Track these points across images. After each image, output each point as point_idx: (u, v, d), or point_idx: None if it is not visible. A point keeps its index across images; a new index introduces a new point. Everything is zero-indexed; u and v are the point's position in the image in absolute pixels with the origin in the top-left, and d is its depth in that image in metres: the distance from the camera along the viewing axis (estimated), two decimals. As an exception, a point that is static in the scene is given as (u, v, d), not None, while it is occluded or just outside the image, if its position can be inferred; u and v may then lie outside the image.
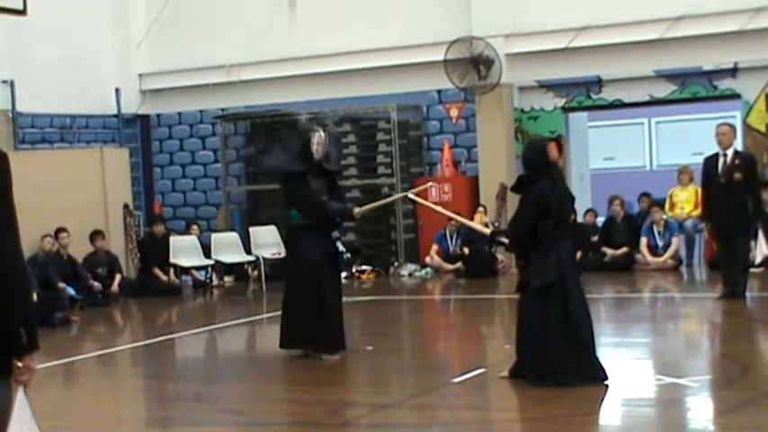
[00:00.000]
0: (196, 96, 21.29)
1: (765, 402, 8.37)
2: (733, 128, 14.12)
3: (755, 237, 14.09)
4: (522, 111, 18.91)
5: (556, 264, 8.59)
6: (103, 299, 16.59)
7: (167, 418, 9.05)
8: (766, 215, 14.61)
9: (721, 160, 13.43)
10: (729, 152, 13.47)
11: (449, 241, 18.23)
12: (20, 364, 4.21)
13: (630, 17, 17.74)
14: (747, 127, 17.86)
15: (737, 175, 13.27)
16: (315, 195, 10.72)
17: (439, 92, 19.31)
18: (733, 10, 17.13)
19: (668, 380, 8.89)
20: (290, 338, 10.77)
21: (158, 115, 21.93)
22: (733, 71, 17.74)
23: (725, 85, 17.91)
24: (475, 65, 18.10)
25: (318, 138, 10.73)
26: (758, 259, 14.66)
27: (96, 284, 16.50)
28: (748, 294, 14.38)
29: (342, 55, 19.74)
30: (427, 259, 18.60)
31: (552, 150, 8.89)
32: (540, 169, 8.79)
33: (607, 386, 8.63)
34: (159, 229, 18.53)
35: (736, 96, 17.99)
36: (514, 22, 18.52)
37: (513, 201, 10.47)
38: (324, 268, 10.64)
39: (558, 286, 8.59)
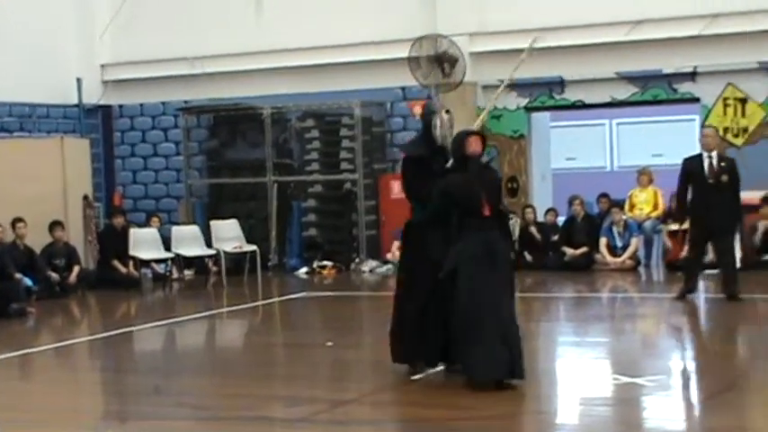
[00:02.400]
0: (159, 88, 21.21)
1: (721, 402, 8.46)
2: (717, 130, 14.37)
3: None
4: (479, 108, 18.96)
5: (454, 255, 8.70)
6: (61, 290, 16.51)
7: (124, 411, 9.04)
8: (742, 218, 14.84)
9: (706, 162, 13.50)
10: (714, 154, 13.57)
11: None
12: None
13: (593, 19, 17.87)
14: (706, 130, 18.01)
15: (724, 177, 13.40)
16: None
17: (403, 89, 19.34)
18: (693, 15, 17.33)
19: (625, 379, 8.97)
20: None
21: (120, 106, 21.83)
22: (692, 75, 17.91)
23: (684, 88, 18.07)
24: (439, 62, 18.11)
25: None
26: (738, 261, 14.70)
27: (54, 276, 16.42)
28: (703, 295, 14.55)
29: (306, 50, 19.73)
30: (388, 255, 18.64)
31: (471, 144, 8.98)
32: (459, 161, 8.94)
33: (510, 385, 8.61)
34: (119, 220, 18.46)
35: (696, 100, 18.16)
36: (479, 20, 18.60)
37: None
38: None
39: (455, 277, 8.67)
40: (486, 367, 8.56)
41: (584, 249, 17.79)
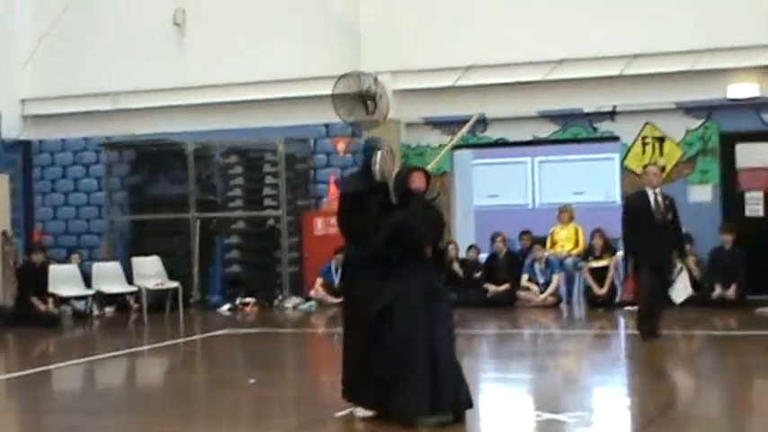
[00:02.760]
0: (81, 123, 21.04)
1: (640, 438, 8.56)
2: (661, 168, 14.51)
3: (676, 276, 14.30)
4: (409, 147, 19.09)
5: (393, 292, 8.65)
6: (-21, 328, 16.25)
7: (44, 450, 8.90)
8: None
9: (652, 198, 13.42)
10: (658, 191, 13.55)
11: (334, 274, 18.26)
12: None
13: (515, 59, 18.08)
14: (625, 169, 18.29)
15: (669, 215, 13.45)
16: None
17: (327, 125, 19.39)
18: (612, 55, 17.60)
19: (547, 415, 9.01)
20: None
21: (41, 141, 21.60)
22: (612, 114, 18.20)
23: (604, 127, 18.35)
24: (363, 100, 18.22)
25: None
26: (681, 298, 14.80)
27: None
28: (623, 332, 14.73)
29: (230, 86, 19.72)
30: (312, 292, 18.62)
31: (415, 180, 8.93)
32: (403, 198, 8.89)
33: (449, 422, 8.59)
34: (38, 257, 18.22)
35: (615, 138, 18.44)
36: (403, 59, 18.72)
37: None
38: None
39: (392, 313, 8.62)
40: (421, 404, 8.51)
41: (506, 286, 17.92)
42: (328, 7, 19.25)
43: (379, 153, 9.09)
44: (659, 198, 13.47)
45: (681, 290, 14.62)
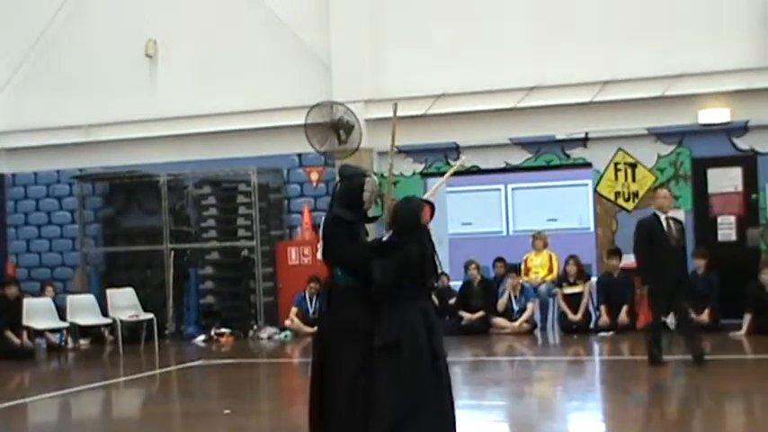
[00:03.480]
0: (53, 156, 21.02)
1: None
2: (671, 191, 14.33)
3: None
4: (382, 176, 19.10)
5: (399, 325, 8.57)
6: (-47, 362, 16.16)
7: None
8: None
9: (665, 223, 13.22)
10: (669, 215, 13.40)
11: (308, 303, 18.26)
12: None
13: (486, 86, 18.20)
14: (598, 195, 18.39)
15: (682, 239, 13.39)
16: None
17: (299, 155, 19.44)
18: (584, 82, 17.74)
19: (522, 442, 9.05)
20: None
21: (13, 174, 21.56)
22: (584, 141, 18.29)
23: (577, 153, 18.45)
24: (335, 129, 18.31)
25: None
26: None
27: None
28: (598, 357, 14.76)
29: (202, 117, 19.76)
30: (287, 322, 18.60)
31: (425, 213, 8.90)
32: (411, 230, 8.79)
33: None
34: (12, 290, 18.13)
35: (588, 165, 18.54)
36: (374, 87, 18.82)
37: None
38: None
39: (399, 347, 8.54)
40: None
41: (480, 314, 17.95)
42: (300, 38, 19.33)
43: (369, 179, 9.00)
44: (671, 222, 13.28)
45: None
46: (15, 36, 21.11)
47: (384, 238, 8.85)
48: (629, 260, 17.19)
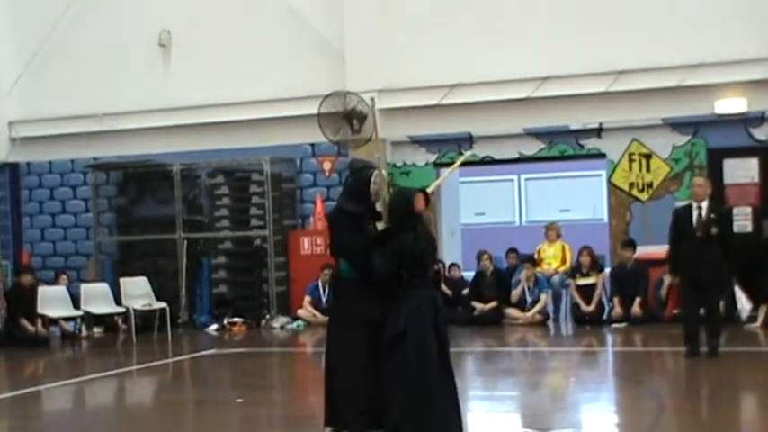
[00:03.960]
0: (67, 145, 21.06)
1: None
2: (709, 180, 13.79)
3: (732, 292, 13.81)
4: (395, 166, 19.12)
5: (406, 314, 8.59)
6: (-33, 350, 16.22)
7: (32, 472, 8.89)
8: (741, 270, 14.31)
9: (695, 213, 12.94)
10: (704, 205, 12.97)
11: (321, 291, 18.27)
12: None
13: (501, 76, 18.15)
14: (612, 185, 18.33)
15: (714, 230, 12.83)
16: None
17: (312, 145, 19.43)
18: (598, 72, 17.67)
19: (534, 432, 9.05)
20: None
21: (28, 163, 21.61)
22: (598, 131, 18.23)
23: (591, 144, 18.38)
24: (348, 119, 18.29)
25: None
26: (744, 314, 14.50)
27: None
28: (611, 349, 14.72)
29: (216, 106, 19.77)
30: (300, 311, 18.61)
31: (419, 202, 8.91)
32: (405, 219, 8.83)
33: None
34: (27, 279, 18.19)
35: (602, 156, 18.48)
36: (388, 78, 18.79)
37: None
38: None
39: (406, 336, 8.56)
40: (444, 426, 8.52)
41: (493, 304, 17.93)
42: (314, 27, 19.31)
43: (376, 172, 9.04)
44: (703, 212, 12.92)
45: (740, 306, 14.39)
46: (30, 26, 21.13)
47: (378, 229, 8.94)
48: (643, 251, 17.21)
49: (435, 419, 8.46)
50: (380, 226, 9.10)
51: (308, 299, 18.52)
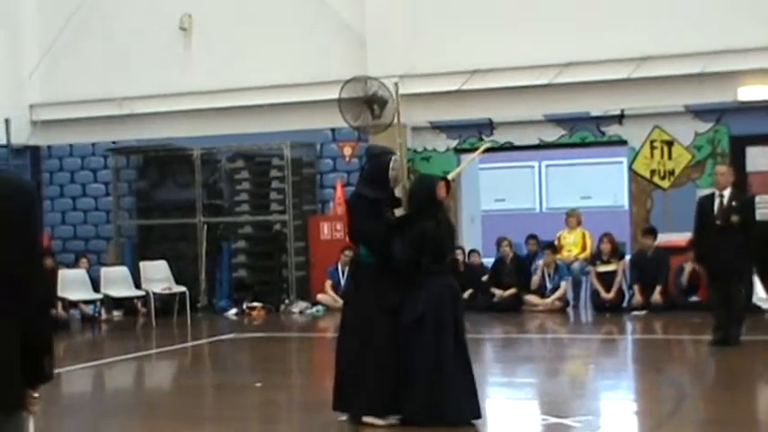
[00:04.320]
0: (88, 129, 21.09)
1: (646, 442, 8.56)
2: (731, 168, 13.65)
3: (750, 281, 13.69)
4: (415, 151, 19.09)
5: (424, 300, 8.60)
6: (-13, 332, 16.25)
7: (51, 454, 8.91)
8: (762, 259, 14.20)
9: (717, 201, 12.81)
10: (726, 193, 12.83)
11: (340, 275, 18.28)
12: (35, 395, 4.15)
13: (522, 62, 18.06)
14: (633, 172, 18.25)
15: (734, 218, 12.70)
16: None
17: (333, 130, 19.40)
18: (620, 58, 17.56)
19: (553, 420, 9.02)
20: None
21: (49, 147, 21.66)
22: (620, 118, 18.13)
23: (612, 131, 18.29)
24: (369, 105, 18.23)
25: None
26: (762, 304, 14.37)
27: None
28: (631, 336, 14.67)
29: (236, 91, 19.75)
30: (320, 296, 18.61)
31: (440, 190, 8.91)
32: (426, 206, 8.82)
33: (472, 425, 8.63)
34: (47, 262, 18.21)
35: (623, 142, 18.40)
36: (409, 63, 18.73)
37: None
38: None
39: (424, 322, 8.57)
40: (461, 410, 8.55)
41: (512, 291, 17.89)
42: (335, 12, 19.27)
43: (395, 157, 9.04)
44: (725, 200, 12.78)
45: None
46: (52, 10, 21.14)
47: (397, 216, 8.95)
48: (664, 239, 17.15)
49: (451, 405, 8.48)
50: (399, 212, 9.11)
51: (329, 282, 18.53)
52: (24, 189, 4.14)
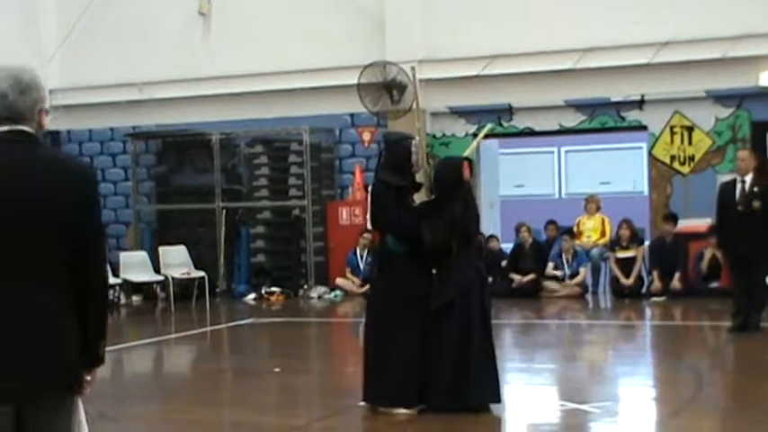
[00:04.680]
0: (107, 113, 21.12)
1: (668, 428, 8.53)
2: (753, 152, 13.49)
3: None
4: (434, 136, 19.05)
5: (454, 285, 8.57)
6: (7, 316, 16.32)
7: (70, 438, 8.92)
8: None
9: (739, 186, 12.73)
10: (748, 178, 12.74)
11: (359, 259, 18.28)
12: (88, 377, 4.21)
13: (542, 47, 17.99)
14: (653, 158, 18.17)
15: (756, 203, 12.57)
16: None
17: (352, 115, 19.38)
18: (641, 43, 17.47)
19: (572, 405, 9.00)
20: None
21: (68, 131, 21.71)
22: (640, 103, 18.05)
23: (632, 116, 18.22)
24: (388, 90, 18.21)
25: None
26: None
27: None
28: (649, 323, 14.62)
29: (255, 76, 19.73)
30: (339, 280, 18.63)
31: (465, 170, 8.88)
32: (453, 189, 8.78)
33: (489, 409, 8.64)
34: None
35: (643, 128, 18.31)
36: (428, 48, 18.69)
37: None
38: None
39: (454, 306, 8.55)
40: (483, 394, 8.56)
41: (531, 276, 17.85)
42: (354, -4, 19.24)
43: (414, 141, 9.00)
44: (747, 185, 12.70)
45: None
46: (71, -7, 21.18)
47: (418, 202, 8.90)
48: (683, 225, 17.08)
49: (474, 389, 8.48)
50: (420, 196, 9.07)
51: (348, 268, 18.57)
52: (83, 172, 4.20)
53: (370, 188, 9.28)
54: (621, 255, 17.50)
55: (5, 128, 4.14)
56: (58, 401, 4.10)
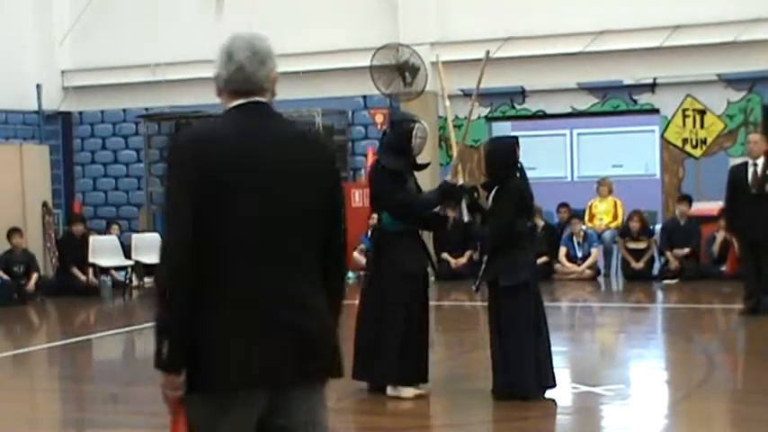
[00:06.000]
0: (120, 95, 21.12)
1: (679, 411, 8.54)
2: (765, 136, 13.38)
3: None
4: (446, 120, 18.97)
5: (524, 266, 8.57)
6: (19, 297, 16.40)
7: (82, 419, 8.99)
8: None
9: (751, 170, 12.72)
10: (760, 161, 12.71)
11: (369, 241, 18.29)
12: None
13: (554, 30, 17.95)
14: (665, 141, 18.14)
15: (762, 187, 12.58)
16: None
17: (365, 97, 19.36)
18: (653, 26, 17.43)
19: (584, 388, 9.02)
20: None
21: (80, 113, 21.72)
22: (652, 86, 18.00)
23: (644, 99, 18.18)
24: (401, 72, 18.19)
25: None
26: None
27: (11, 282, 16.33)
28: (661, 305, 14.60)
29: (268, 58, 19.68)
30: (355, 254, 18.63)
31: (518, 149, 9.03)
32: (510, 168, 8.84)
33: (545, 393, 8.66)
34: (78, 228, 18.35)
35: (655, 111, 18.27)
36: (441, 30, 18.65)
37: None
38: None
39: (528, 286, 8.57)
40: (547, 377, 8.58)
41: (543, 259, 17.82)
42: (367, -22, 19.20)
43: (419, 126, 9.02)
44: (759, 168, 12.67)
45: None
46: (83, -25, 21.17)
47: (448, 178, 8.90)
48: (695, 208, 17.05)
49: (542, 370, 8.51)
50: (451, 179, 9.03)
51: (362, 247, 18.57)
52: (327, 145, 4.27)
53: (370, 167, 9.36)
54: (632, 246, 17.42)
55: (243, 100, 4.14)
56: (320, 387, 4.23)
